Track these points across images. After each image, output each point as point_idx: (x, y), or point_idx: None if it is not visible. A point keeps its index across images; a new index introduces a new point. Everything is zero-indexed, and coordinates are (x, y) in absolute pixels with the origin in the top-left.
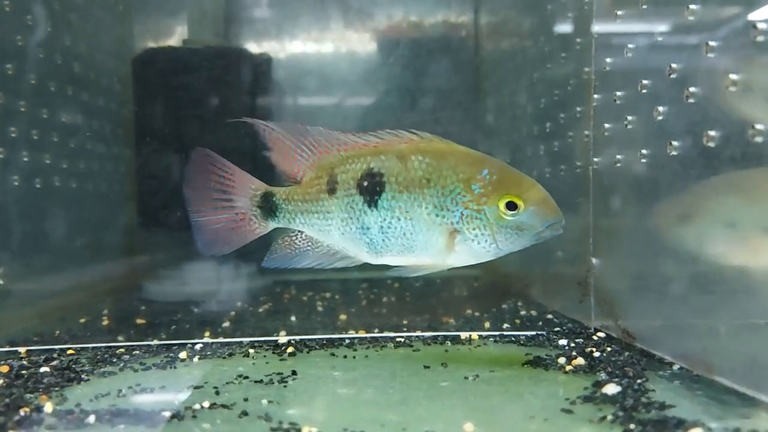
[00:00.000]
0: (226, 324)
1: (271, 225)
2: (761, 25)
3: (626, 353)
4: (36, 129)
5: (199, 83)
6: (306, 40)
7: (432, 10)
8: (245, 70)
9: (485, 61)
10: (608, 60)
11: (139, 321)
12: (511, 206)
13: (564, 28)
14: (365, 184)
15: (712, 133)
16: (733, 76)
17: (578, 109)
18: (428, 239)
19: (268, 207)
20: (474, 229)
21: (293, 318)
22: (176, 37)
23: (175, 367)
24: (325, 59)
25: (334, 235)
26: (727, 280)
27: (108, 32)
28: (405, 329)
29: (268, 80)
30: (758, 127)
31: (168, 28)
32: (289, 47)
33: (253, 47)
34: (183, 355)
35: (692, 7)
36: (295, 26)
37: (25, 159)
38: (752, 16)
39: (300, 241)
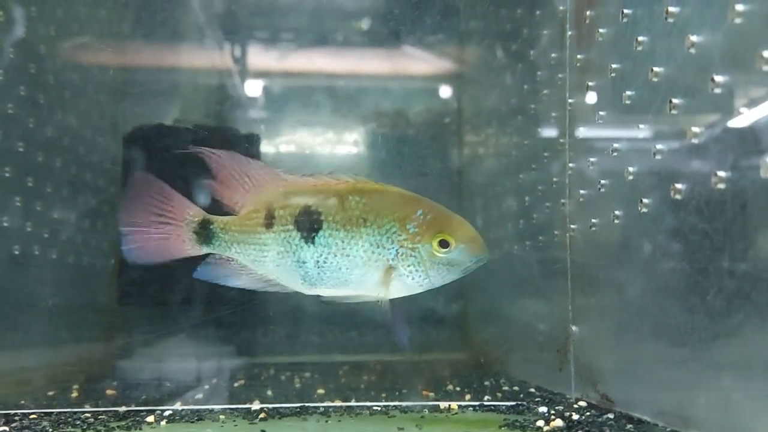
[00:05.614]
0: (199, 396)
1: (205, 250)
2: None
3: (605, 416)
4: (20, 196)
5: (187, 160)
6: (294, 124)
7: (416, 99)
8: (233, 148)
9: (466, 144)
10: (582, 129)
11: (110, 392)
12: (444, 244)
13: (540, 103)
14: (303, 220)
15: (678, 185)
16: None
17: (555, 179)
18: (364, 274)
19: (205, 234)
20: (409, 265)
21: (269, 392)
22: (167, 116)
23: (140, 429)
24: (311, 141)
25: (269, 266)
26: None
27: (99, 108)
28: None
29: (256, 158)
30: (720, 174)
31: (160, 107)
32: (278, 129)
33: (242, 128)
34: (150, 419)
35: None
36: (284, 110)
37: (6, 224)
38: None
39: (235, 264)
